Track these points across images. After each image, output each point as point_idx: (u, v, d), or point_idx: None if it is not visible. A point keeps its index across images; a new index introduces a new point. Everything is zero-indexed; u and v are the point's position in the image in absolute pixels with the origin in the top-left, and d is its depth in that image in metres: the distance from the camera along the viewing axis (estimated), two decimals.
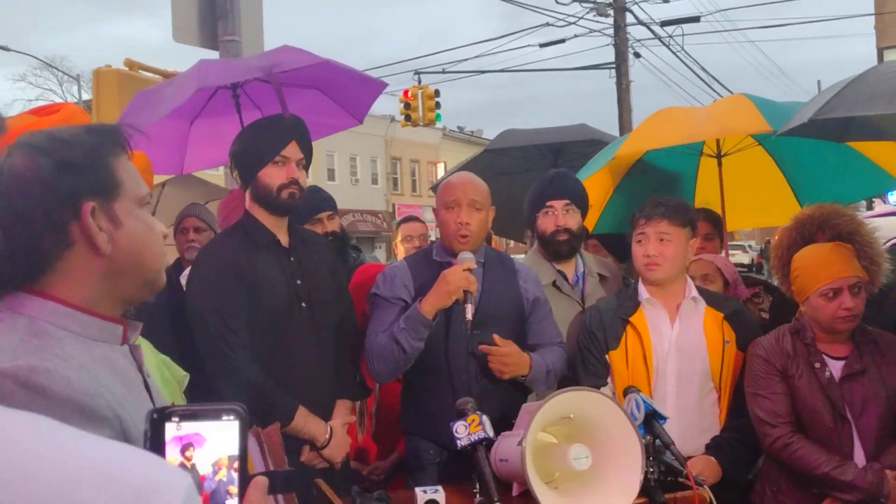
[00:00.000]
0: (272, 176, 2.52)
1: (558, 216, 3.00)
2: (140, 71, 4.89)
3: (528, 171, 4.99)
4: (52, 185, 1.10)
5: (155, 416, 0.87)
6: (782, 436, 2.48)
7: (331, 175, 30.46)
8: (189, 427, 0.86)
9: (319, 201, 3.34)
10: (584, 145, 4.76)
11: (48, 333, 1.08)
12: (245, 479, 0.87)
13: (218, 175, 6.58)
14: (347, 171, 32.57)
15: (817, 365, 2.50)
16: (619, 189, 4.04)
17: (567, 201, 3.02)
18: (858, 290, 2.47)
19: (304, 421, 2.45)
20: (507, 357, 2.52)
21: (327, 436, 2.49)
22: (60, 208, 1.11)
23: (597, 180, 3.80)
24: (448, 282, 2.45)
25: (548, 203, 3.02)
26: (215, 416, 0.88)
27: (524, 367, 2.55)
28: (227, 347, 2.40)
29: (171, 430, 0.87)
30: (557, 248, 3.02)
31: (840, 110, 2.73)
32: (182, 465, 0.84)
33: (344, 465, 2.58)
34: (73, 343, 1.09)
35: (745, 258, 24.81)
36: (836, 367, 2.51)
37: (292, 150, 2.54)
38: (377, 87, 3.51)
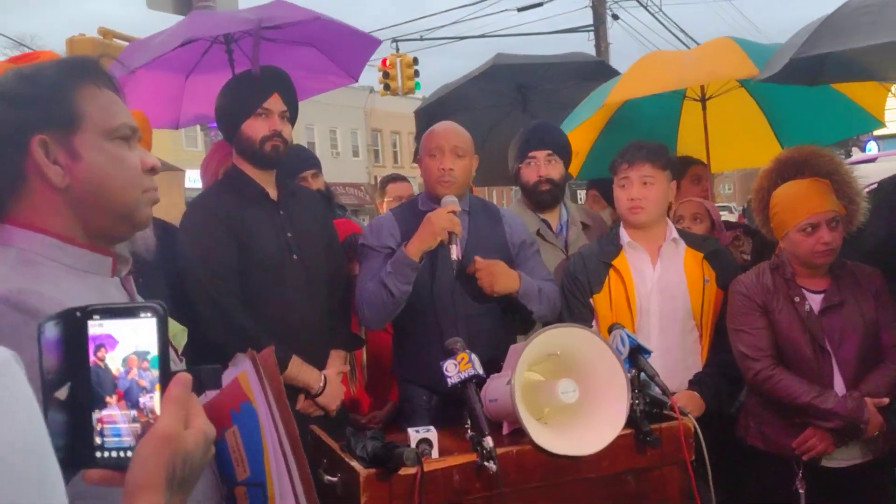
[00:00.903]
0: (255, 128, 2.53)
1: (541, 167, 3.07)
2: (114, 39, 4.85)
3: (489, 108, 4.83)
4: (1, 121, 1.11)
5: (79, 314, 0.86)
6: (764, 368, 2.55)
7: (311, 148, 29.91)
8: (109, 325, 0.86)
9: (303, 160, 3.37)
10: (559, 79, 4.63)
11: (38, 263, 1.10)
12: (167, 376, 0.87)
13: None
14: (328, 143, 32.38)
15: (797, 299, 2.56)
16: (602, 135, 4.06)
17: (549, 152, 3.09)
18: (836, 225, 2.53)
19: (298, 369, 2.49)
20: (495, 267, 2.55)
21: (321, 384, 2.54)
22: (8, 143, 1.11)
23: (581, 127, 3.82)
24: (433, 223, 2.49)
25: (530, 154, 3.09)
26: (133, 313, 0.87)
27: (514, 281, 2.58)
28: (218, 296, 2.44)
29: (93, 328, 0.87)
30: (540, 198, 3.09)
31: (819, 47, 2.75)
32: (95, 365, 0.85)
33: (339, 413, 2.63)
34: (63, 273, 1.12)
35: (731, 218, 25.19)
36: (815, 301, 2.57)
37: (274, 103, 2.55)
38: (372, 43, 3.51)
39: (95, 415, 0.86)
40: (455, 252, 2.49)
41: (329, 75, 3.59)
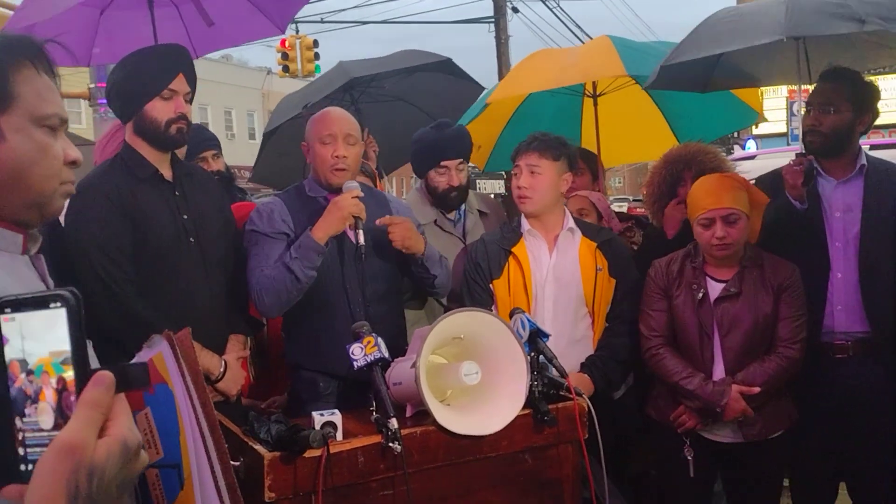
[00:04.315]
0: (160, 110, 2.45)
1: (452, 176, 3.15)
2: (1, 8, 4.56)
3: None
4: None
5: None
6: (653, 347, 2.74)
7: None
8: (21, 318, 0.75)
9: (203, 140, 3.29)
10: (384, 76, 4.55)
11: None
12: (84, 376, 0.75)
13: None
14: (222, 125, 31.42)
15: (694, 286, 2.73)
16: (507, 129, 4.19)
17: (461, 161, 3.18)
18: (735, 221, 2.66)
19: (198, 355, 2.44)
20: (408, 222, 2.62)
21: (221, 369, 2.50)
22: None
23: (483, 122, 3.93)
24: (340, 207, 2.51)
25: (443, 163, 3.14)
26: (43, 304, 0.75)
27: (421, 244, 2.65)
28: (112, 282, 2.35)
29: (5, 323, 0.76)
30: (449, 204, 3.19)
31: (683, 55, 2.97)
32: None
33: (238, 400, 2.60)
34: None
35: (623, 208, 26.44)
36: (715, 289, 2.73)
37: (180, 84, 2.49)
38: None
39: (18, 423, 0.76)
40: (361, 237, 2.52)
41: (255, 25, 3.42)
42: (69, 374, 0.75)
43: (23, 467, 0.75)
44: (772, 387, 2.66)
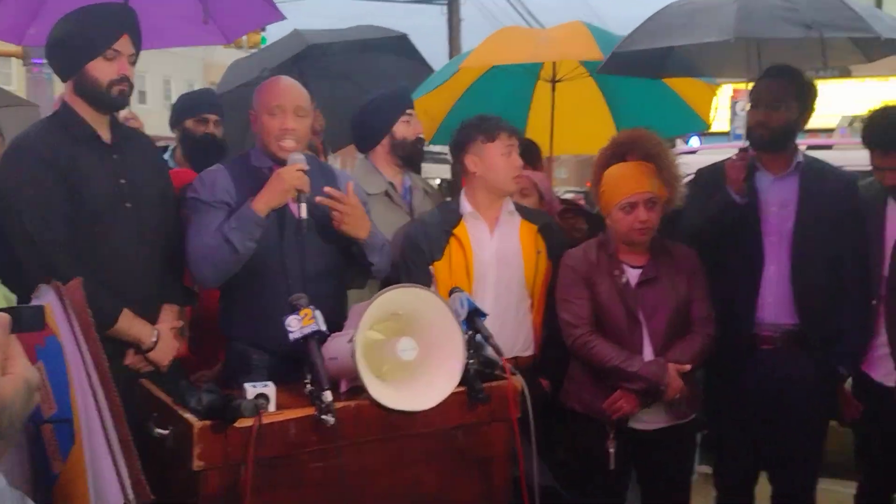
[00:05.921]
0: (102, 70, 2.39)
1: (416, 124, 3.21)
2: None
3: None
4: None
5: None
6: (582, 335, 2.76)
7: (142, 98, 28.25)
8: None
9: (208, 103, 3.43)
10: (336, 51, 4.51)
11: None
12: None
13: None
14: (161, 94, 30.52)
15: (616, 272, 2.77)
16: (458, 105, 4.14)
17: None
18: (653, 205, 2.74)
19: (129, 324, 2.38)
20: (353, 208, 2.49)
21: (154, 339, 2.45)
22: None
23: (436, 94, 3.89)
24: (283, 180, 2.43)
25: (408, 111, 3.20)
26: None
27: (363, 230, 2.52)
28: (45, 245, 2.28)
29: None
30: (415, 156, 3.23)
31: (637, 44, 3.01)
32: None
33: (171, 370, 2.54)
34: None
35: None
36: (633, 275, 2.80)
37: (124, 45, 2.42)
38: (269, 15, 3.21)
39: None
40: (304, 210, 2.45)
41: (199, 30, 3.25)
42: None
43: None
44: (698, 364, 2.78)
